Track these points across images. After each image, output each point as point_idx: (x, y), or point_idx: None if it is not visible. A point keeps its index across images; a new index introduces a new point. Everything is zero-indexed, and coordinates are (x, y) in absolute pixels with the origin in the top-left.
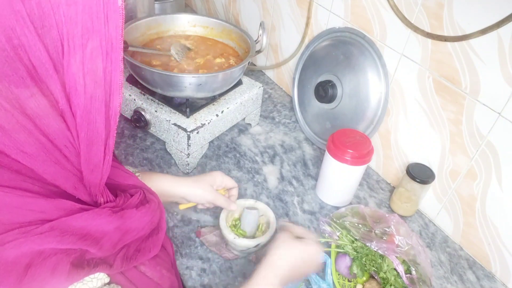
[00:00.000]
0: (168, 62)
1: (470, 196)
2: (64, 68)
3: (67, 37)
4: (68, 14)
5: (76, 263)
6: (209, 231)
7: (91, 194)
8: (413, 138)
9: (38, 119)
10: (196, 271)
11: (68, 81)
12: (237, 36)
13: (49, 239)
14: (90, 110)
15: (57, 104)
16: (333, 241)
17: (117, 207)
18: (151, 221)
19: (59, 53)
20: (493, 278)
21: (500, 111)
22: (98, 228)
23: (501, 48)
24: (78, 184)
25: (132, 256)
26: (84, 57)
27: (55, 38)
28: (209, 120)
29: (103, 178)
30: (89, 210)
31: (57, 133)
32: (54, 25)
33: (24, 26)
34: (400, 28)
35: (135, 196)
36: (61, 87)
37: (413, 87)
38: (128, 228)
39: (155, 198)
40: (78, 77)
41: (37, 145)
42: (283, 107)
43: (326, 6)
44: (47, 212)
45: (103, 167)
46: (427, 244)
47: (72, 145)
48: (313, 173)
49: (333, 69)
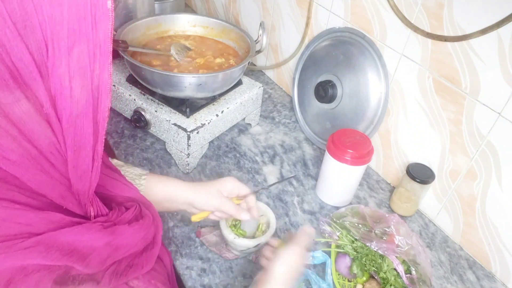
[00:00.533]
0: (168, 62)
1: (470, 196)
2: (49, 71)
3: (51, 38)
4: (52, 14)
5: (59, 281)
6: (209, 231)
7: (80, 204)
8: (413, 138)
9: (22, 124)
10: (196, 271)
11: (53, 85)
12: (237, 36)
13: (33, 254)
14: (77, 114)
15: (41, 109)
16: (333, 241)
17: (109, 221)
18: (145, 238)
19: (43, 55)
20: (493, 278)
21: (500, 111)
22: (87, 244)
23: (501, 48)
24: (65, 194)
25: (123, 272)
26: (71, 60)
27: (38, 39)
28: (209, 120)
29: (92, 185)
30: (80, 223)
31: (43, 138)
32: (37, 26)
33: (4, 26)
34: (400, 28)
35: (130, 211)
36: (46, 91)
37: (413, 87)
38: (119, 244)
39: (150, 213)
40: (64, 80)
41: (21, 151)
42: (283, 107)
43: (326, 6)
44: (34, 225)
45: (92, 174)
46: (427, 244)
47: (58, 152)
48: (313, 173)
49: (333, 69)
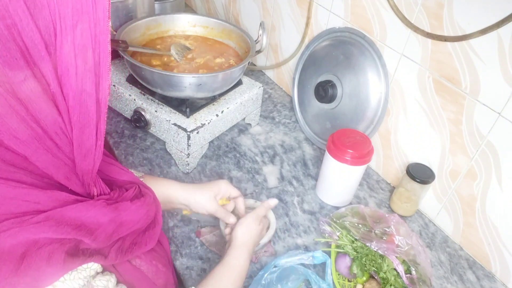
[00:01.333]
0: (168, 62)
1: (470, 196)
2: (56, 50)
3: (58, 17)
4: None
5: (71, 252)
6: (209, 231)
7: (84, 184)
8: (413, 138)
9: (30, 104)
10: (196, 271)
11: (60, 63)
12: (237, 36)
13: (44, 228)
14: (81, 92)
15: (48, 88)
16: (333, 241)
17: (112, 200)
18: (147, 215)
19: (51, 34)
20: (493, 278)
21: (500, 111)
22: (92, 220)
23: (501, 48)
24: (70, 174)
25: (128, 249)
26: (75, 38)
27: (47, 18)
28: (209, 120)
29: (96, 164)
30: (84, 201)
31: (49, 119)
32: (46, 5)
33: (17, 5)
34: (400, 28)
35: (130, 190)
36: (53, 70)
37: (413, 87)
38: (122, 220)
39: (150, 192)
40: (70, 58)
41: (29, 131)
42: (283, 107)
43: (326, 6)
44: (42, 203)
45: (95, 152)
46: (427, 244)
47: (63, 132)
48: (313, 173)
49: (333, 69)
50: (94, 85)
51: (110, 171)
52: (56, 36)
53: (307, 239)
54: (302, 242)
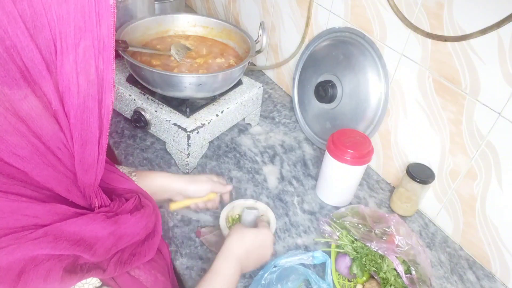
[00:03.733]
0: (168, 62)
1: (470, 196)
2: (57, 68)
3: (59, 36)
4: (60, 13)
5: (69, 269)
6: (209, 231)
7: (85, 196)
8: (413, 138)
9: (31, 121)
10: (196, 271)
11: (61, 81)
12: (237, 36)
13: (42, 245)
14: (83, 109)
15: (50, 105)
16: (333, 241)
17: (112, 212)
18: (146, 226)
19: (51, 53)
20: (493, 278)
21: (500, 111)
22: (92, 234)
23: (501, 48)
24: (71, 187)
25: (127, 261)
26: (77, 57)
27: (47, 38)
28: (209, 120)
29: (97, 178)
30: (84, 214)
31: (50, 134)
32: (46, 25)
33: (16, 27)
34: (400, 28)
35: (130, 201)
36: (54, 88)
37: (413, 87)
38: (122, 233)
39: (150, 202)
40: (72, 76)
41: (30, 147)
42: (283, 107)
43: (326, 6)
44: (41, 217)
45: (97, 166)
46: (427, 244)
47: (65, 147)
48: (313, 173)
49: (333, 69)
50: (97, 102)
51: (111, 179)
52: (57, 55)
53: (307, 239)
54: (302, 242)
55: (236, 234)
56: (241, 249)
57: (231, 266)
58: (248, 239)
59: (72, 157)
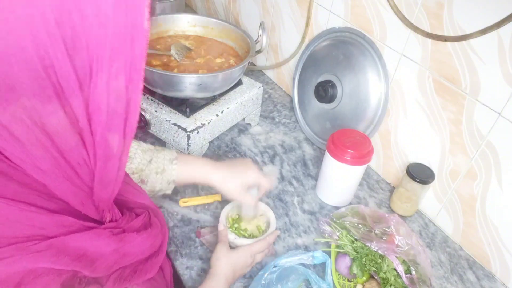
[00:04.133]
0: (168, 62)
1: (470, 196)
2: (90, 88)
3: (96, 58)
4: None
5: (67, 284)
6: (209, 231)
7: (99, 210)
8: (413, 138)
9: (56, 136)
10: (196, 271)
11: (92, 101)
12: (237, 36)
13: (44, 258)
14: (109, 127)
15: (77, 123)
16: (333, 241)
17: (119, 228)
18: (152, 246)
19: (86, 74)
20: (493, 278)
21: (500, 111)
22: (95, 250)
23: (501, 48)
24: (86, 200)
25: (127, 277)
26: (110, 78)
27: (84, 59)
28: (209, 120)
29: (114, 193)
30: (91, 228)
31: (73, 150)
32: (85, 47)
33: (57, 48)
34: (400, 28)
35: (139, 218)
36: (84, 106)
37: (413, 87)
38: (126, 251)
39: (159, 221)
40: (103, 97)
41: (52, 161)
42: (283, 107)
43: (326, 6)
44: (47, 228)
45: (116, 182)
46: (427, 244)
47: (85, 162)
48: (313, 173)
49: (333, 69)
50: (123, 120)
51: (125, 190)
52: (91, 76)
53: (307, 239)
54: (302, 242)
55: (224, 258)
56: (229, 271)
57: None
58: (234, 261)
59: (90, 173)
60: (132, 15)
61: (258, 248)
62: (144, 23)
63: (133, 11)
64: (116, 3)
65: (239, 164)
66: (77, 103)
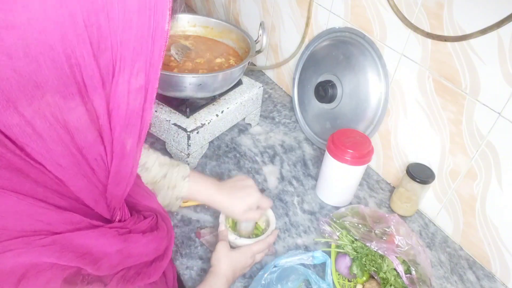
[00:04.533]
0: (168, 62)
1: (470, 196)
2: (112, 87)
3: (119, 59)
4: (123, 38)
5: (69, 280)
6: (209, 232)
7: (110, 208)
8: (413, 138)
9: (76, 133)
10: (196, 271)
11: (113, 99)
12: (237, 36)
13: (48, 253)
14: (127, 125)
15: (97, 120)
16: (333, 241)
17: (125, 228)
18: (157, 249)
19: (109, 73)
20: (493, 278)
21: (500, 111)
22: (99, 249)
23: (501, 48)
24: (99, 198)
25: (130, 279)
26: (131, 76)
27: (108, 59)
28: (209, 120)
29: (126, 190)
30: (97, 226)
31: (91, 147)
32: (110, 48)
33: (83, 48)
34: (400, 28)
35: (146, 220)
36: (106, 104)
37: (413, 87)
38: (130, 252)
39: (166, 225)
40: (123, 95)
41: (71, 158)
42: (283, 107)
43: (326, 6)
44: (54, 224)
45: (129, 179)
46: (427, 244)
47: (101, 159)
48: (313, 173)
49: (333, 69)
50: (140, 118)
51: (136, 193)
52: (114, 75)
53: (307, 239)
54: (302, 242)
55: (225, 258)
56: (229, 271)
57: (220, 285)
58: (234, 261)
59: (105, 169)
60: (155, 17)
61: (259, 248)
62: (165, 25)
63: (156, 14)
64: (140, 7)
65: (241, 186)
66: (98, 100)
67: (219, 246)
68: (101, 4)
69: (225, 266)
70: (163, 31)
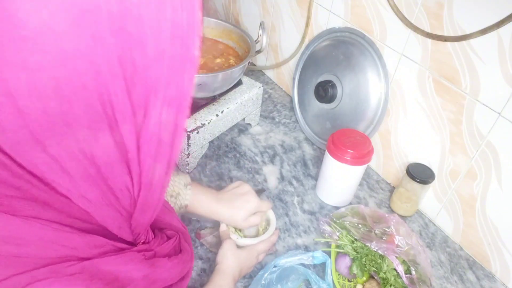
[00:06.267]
0: None
1: (470, 196)
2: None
3: (152, 93)
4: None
5: None
6: (209, 232)
7: (134, 233)
8: (413, 138)
9: (103, 166)
10: (196, 271)
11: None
12: (237, 36)
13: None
14: (157, 156)
15: (126, 154)
16: (333, 241)
17: (150, 250)
18: (181, 272)
19: (141, 106)
20: (493, 278)
21: (500, 111)
22: (126, 275)
23: (501, 48)
24: (123, 224)
25: None
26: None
27: (141, 94)
28: (209, 120)
29: (153, 217)
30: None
31: (117, 178)
32: (143, 82)
33: (117, 85)
34: (400, 28)
35: (170, 241)
36: (135, 139)
37: (413, 87)
38: (157, 278)
39: (189, 247)
40: (155, 127)
41: (97, 191)
42: (283, 107)
43: (326, 6)
44: (79, 249)
45: (156, 207)
46: (427, 244)
47: (127, 189)
48: (313, 173)
49: (333, 69)
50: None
51: None
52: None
53: (307, 239)
54: (302, 242)
55: (232, 255)
56: (236, 269)
57: (227, 284)
58: (242, 260)
59: (131, 198)
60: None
61: (263, 248)
62: (195, 52)
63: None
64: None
65: (238, 194)
66: (129, 135)
67: (226, 244)
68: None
69: (232, 264)
70: (193, 57)
